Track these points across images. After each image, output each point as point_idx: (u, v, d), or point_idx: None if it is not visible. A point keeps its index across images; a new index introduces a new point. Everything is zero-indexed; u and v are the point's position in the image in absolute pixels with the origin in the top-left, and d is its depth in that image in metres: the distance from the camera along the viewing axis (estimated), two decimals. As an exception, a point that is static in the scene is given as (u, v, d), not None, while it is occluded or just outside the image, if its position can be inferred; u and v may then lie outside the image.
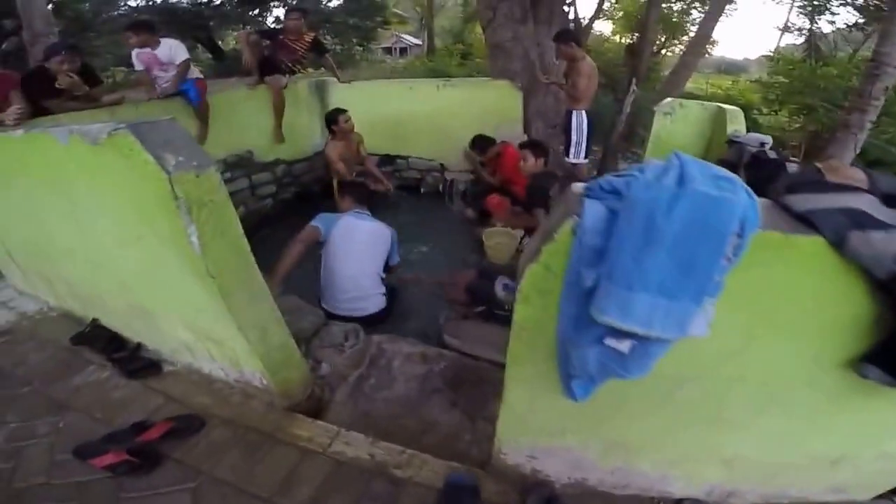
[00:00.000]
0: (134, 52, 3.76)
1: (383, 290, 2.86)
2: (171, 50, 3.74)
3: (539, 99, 5.09)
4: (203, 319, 1.64)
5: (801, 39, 12.28)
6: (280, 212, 4.90)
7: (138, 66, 3.81)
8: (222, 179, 1.36)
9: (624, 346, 0.87)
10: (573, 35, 4.09)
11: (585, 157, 4.14)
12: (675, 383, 1.07)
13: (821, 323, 0.91)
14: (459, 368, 2.17)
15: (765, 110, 8.22)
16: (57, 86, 3.09)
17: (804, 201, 0.81)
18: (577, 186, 0.92)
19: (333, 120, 4.19)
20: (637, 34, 12.86)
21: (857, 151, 3.96)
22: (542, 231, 0.97)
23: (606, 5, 10.04)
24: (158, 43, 3.70)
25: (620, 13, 12.36)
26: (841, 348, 0.93)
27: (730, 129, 3.43)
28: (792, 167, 2.25)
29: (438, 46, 18.46)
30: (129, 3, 12.76)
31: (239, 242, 1.45)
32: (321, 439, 1.67)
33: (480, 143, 4.37)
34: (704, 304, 0.78)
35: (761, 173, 2.48)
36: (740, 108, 3.94)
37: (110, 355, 2.05)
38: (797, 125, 6.87)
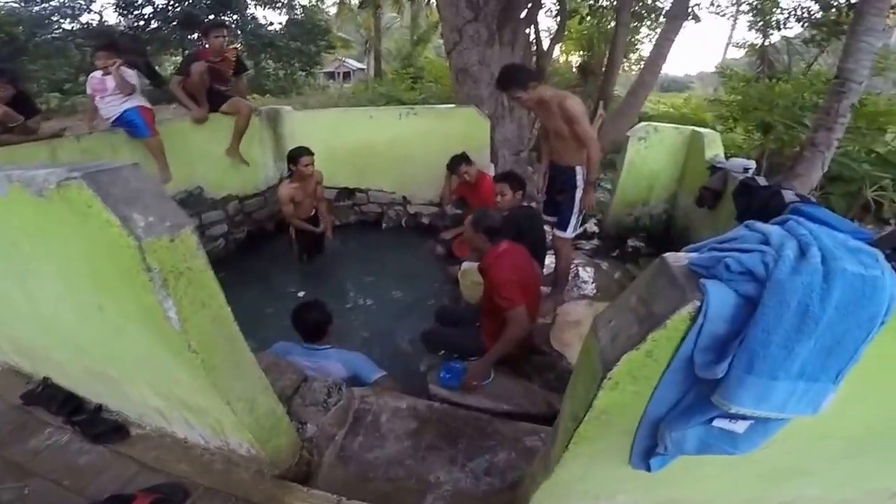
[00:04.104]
0: (89, 77, 3.68)
1: None
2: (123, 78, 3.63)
3: (505, 126, 5.19)
4: (180, 390, 1.51)
5: (744, 54, 13.38)
6: (233, 253, 4.73)
7: (89, 92, 3.71)
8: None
9: (739, 426, 0.85)
10: (529, 72, 3.18)
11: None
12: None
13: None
14: (453, 421, 2.14)
15: (719, 128, 8.80)
16: None
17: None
18: (683, 260, 0.86)
19: (294, 160, 3.91)
20: (588, 52, 13.57)
21: (825, 170, 4.23)
22: (636, 310, 0.90)
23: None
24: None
25: (567, 32, 13.00)
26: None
27: (708, 154, 3.60)
28: (788, 194, 2.33)
29: (385, 70, 18.73)
30: (63, 26, 12.48)
31: (222, 313, 1.32)
32: (321, 511, 1.61)
33: (459, 161, 4.25)
34: (840, 382, 0.77)
35: (754, 201, 2.57)
36: (693, 125, 4.16)
37: (68, 417, 1.94)
38: (756, 143, 7.33)
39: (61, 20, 12.44)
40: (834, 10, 7.90)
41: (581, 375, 1.06)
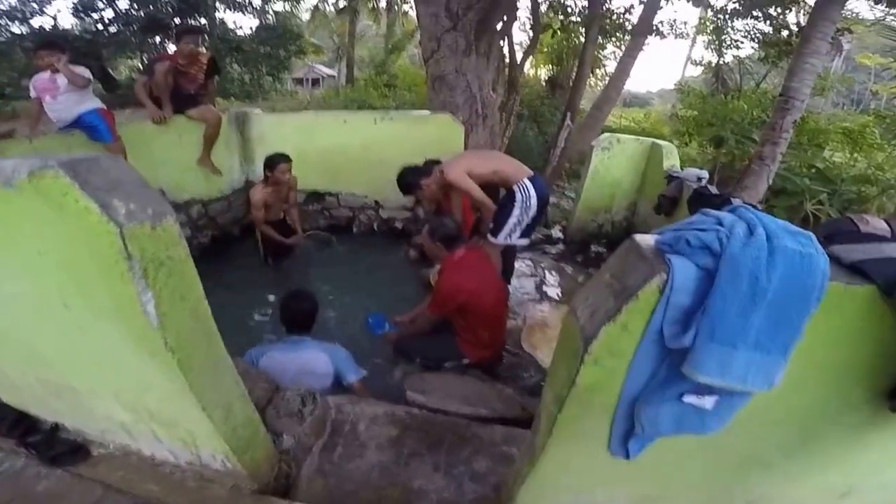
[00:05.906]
0: (33, 79, 3.41)
1: None
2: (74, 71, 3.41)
3: (478, 133, 5.29)
4: (150, 399, 1.44)
5: (701, 72, 14.02)
6: (197, 259, 4.40)
7: (33, 95, 3.43)
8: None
9: (707, 402, 0.91)
10: (417, 172, 3.47)
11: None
12: (724, 428, 1.09)
13: (862, 364, 1.00)
14: (433, 427, 2.12)
15: (675, 142, 9.21)
16: None
17: (850, 251, 0.92)
18: (650, 240, 0.94)
19: (271, 166, 3.84)
20: (556, 67, 13.94)
21: (770, 182, 4.49)
22: (611, 285, 0.97)
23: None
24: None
25: (538, 46, 13.28)
26: (872, 386, 1.02)
27: (666, 164, 3.78)
28: (736, 201, 2.47)
29: (357, 77, 18.62)
30: (11, 29, 11.76)
31: (200, 307, 1.29)
32: (308, 526, 1.56)
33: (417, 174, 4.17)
34: (789, 356, 0.85)
35: (707, 208, 2.72)
36: (652, 139, 4.35)
37: (21, 440, 1.78)
38: (709, 156, 7.70)
39: (9, 23, 11.76)
40: (784, 31, 8.41)
41: (562, 357, 1.11)
